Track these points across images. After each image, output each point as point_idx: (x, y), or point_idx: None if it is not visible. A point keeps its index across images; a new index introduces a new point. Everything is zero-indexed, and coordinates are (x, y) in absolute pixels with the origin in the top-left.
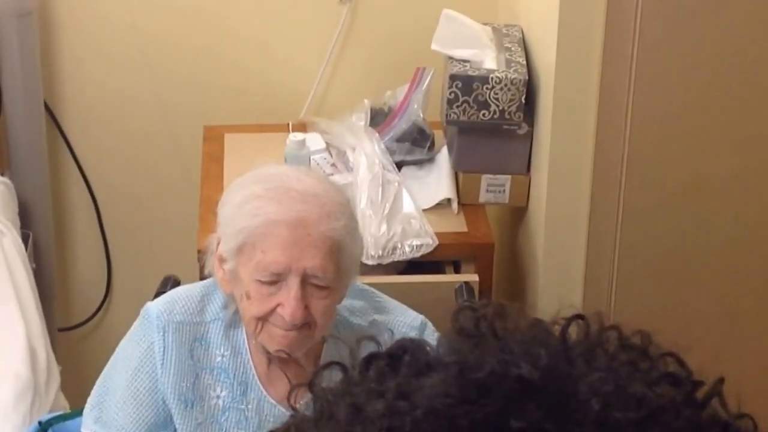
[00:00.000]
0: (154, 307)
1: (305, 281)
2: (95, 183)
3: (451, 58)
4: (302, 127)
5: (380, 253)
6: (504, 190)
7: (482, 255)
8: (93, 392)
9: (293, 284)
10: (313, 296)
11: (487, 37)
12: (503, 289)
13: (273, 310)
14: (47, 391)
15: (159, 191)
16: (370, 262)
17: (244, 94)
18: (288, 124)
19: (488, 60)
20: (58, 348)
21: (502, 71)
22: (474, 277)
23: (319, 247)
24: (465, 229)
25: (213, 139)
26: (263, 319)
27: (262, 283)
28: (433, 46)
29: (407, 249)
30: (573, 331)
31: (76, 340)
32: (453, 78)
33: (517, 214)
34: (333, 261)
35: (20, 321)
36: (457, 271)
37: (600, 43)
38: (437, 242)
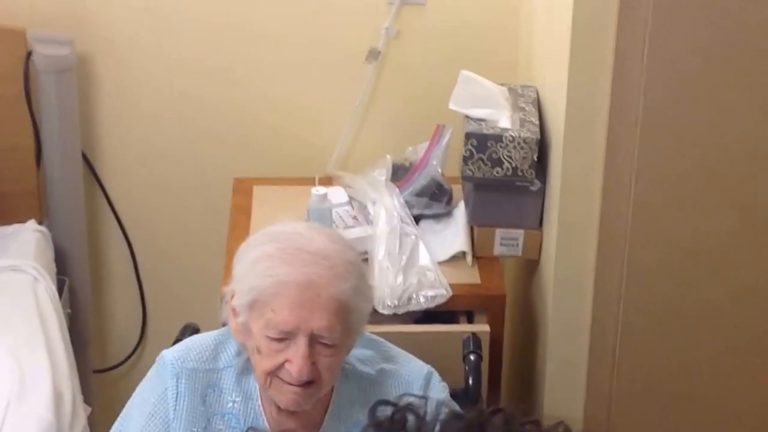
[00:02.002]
0: (170, 354)
1: (313, 340)
2: (131, 231)
3: (467, 116)
4: (328, 181)
5: (396, 303)
6: (517, 244)
7: (494, 306)
8: None
9: (301, 343)
10: (321, 354)
11: (503, 97)
12: (515, 339)
13: (282, 365)
14: None
15: (191, 239)
16: (386, 312)
17: (273, 148)
18: (314, 178)
19: (503, 119)
20: (93, 389)
21: (516, 130)
22: (485, 328)
23: (327, 309)
24: (478, 281)
25: (242, 191)
26: (272, 373)
27: (272, 339)
28: (451, 106)
29: (422, 299)
30: None
31: (111, 382)
32: (468, 136)
33: (531, 266)
34: (340, 321)
35: (47, 366)
36: (470, 320)
37: (607, 105)
38: (451, 293)
